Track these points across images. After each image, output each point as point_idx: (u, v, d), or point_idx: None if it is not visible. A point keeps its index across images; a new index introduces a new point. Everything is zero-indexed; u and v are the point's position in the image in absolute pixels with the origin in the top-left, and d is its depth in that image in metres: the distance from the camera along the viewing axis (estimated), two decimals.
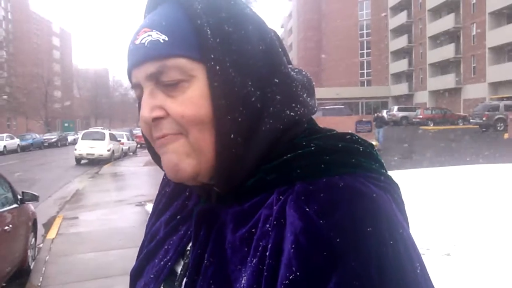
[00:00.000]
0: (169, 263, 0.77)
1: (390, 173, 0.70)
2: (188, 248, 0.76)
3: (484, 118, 31.30)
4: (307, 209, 0.62)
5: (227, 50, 0.68)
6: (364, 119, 24.81)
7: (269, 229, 0.65)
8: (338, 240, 0.59)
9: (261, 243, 0.65)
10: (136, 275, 0.84)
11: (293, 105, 0.72)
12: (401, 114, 45.44)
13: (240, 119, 0.67)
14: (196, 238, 0.73)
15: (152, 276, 0.79)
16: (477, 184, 10.42)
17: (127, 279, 0.87)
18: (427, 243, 6.04)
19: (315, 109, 0.79)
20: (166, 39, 0.68)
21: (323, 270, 0.59)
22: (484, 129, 31.01)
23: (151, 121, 0.69)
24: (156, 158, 0.77)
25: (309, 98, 0.77)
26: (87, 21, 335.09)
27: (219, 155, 0.68)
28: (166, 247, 0.80)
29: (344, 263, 0.58)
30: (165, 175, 0.85)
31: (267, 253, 0.63)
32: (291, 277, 0.60)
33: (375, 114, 25.87)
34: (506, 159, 14.52)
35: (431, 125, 39.30)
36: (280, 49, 0.74)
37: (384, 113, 45.82)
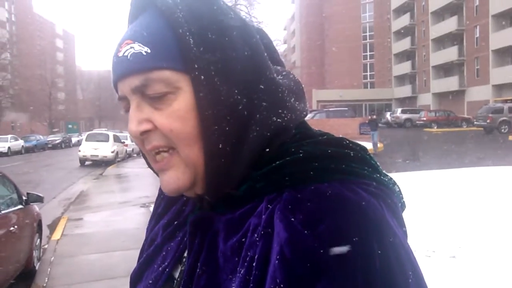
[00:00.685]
0: (167, 269, 0.77)
1: (394, 175, 0.70)
2: (185, 255, 0.76)
3: (488, 121, 31.20)
4: (292, 219, 0.61)
5: (212, 58, 0.66)
6: (367, 121, 24.77)
7: (257, 239, 0.64)
8: (321, 251, 0.58)
9: (249, 253, 0.64)
10: (135, 279, 0.85)
11: (280, 111, 0.70)
12: (404, 116, 45.34)
13: (227, 128, 0.66)
14: (191, 246, 0.73)
15: (150, 281, 0.79)
16: (483, 187, 10.39)
17: None
18: (433, 245, 6.02)
19: (305, 113, 0.77)
20: (149, 51, 0.66)
21: (307, 281, 0.58)
22: (488, 132, 30.93)
23: (139, 135, 0.69)
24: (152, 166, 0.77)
25: (297, 102, 0.75)
26: (91, 22, 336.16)
27: (208, 165, 0.67)
28: (164, 253, 0.80)
29: (328, 274, 0.57)
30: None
31: (254, 264, 0.62)
32: None
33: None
34: (511, 162, 14.48)
35: (435, 128, 39.21)
36: (265, 54, 0.72)
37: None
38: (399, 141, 26.92)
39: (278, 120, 0.69)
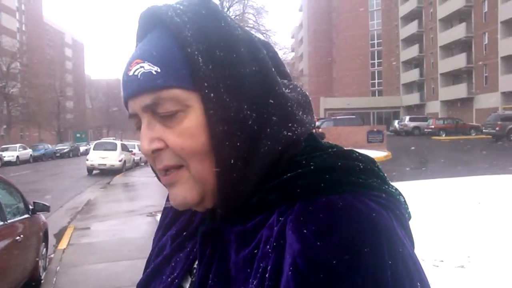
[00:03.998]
0: (176, 280, 0.77)
1: (402, 183, 0.71)
2: (195, 266, 0.76)
3: (497, 128, 31.02)
4: (305, 231, 0.62)
5: (220, 76, 0.67)
6: (375, 129, 24.68)
7: (269, 250, 0.65)
8: (334, 262, 0.59)
9: (261, 265, 0.65)
10: None
11: (290, 125, 0.71)
12: (412, 124, 45.20)
13: (238, 144, 0.67)
14: (201, 257, 0.73)
15: None
16: (492, 195, 10.29)
17: None
18: (441, 255, 5.95)
19: (312, 125, 0.77)
20: (159, 70, 0.67)
21: None
22: (497, 139, 30.71)
23: (151, 153, 0.70)
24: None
25: (305, 116, 0.76)
26: (100, 32, 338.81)
27: (220, 180, 0.68)
28: (172, 263, 0.80)
29: (341, 285, 0.58)
30: None
31: (267, 275, 0.63)
32: None
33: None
34: None
35: (443, 136, 39.05)
36: (273, 68, 0.72)
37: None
38: (407, 149, 26.79)
39: (289, 134, 0.71)
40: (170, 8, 0.70)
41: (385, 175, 0.73)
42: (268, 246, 0.65)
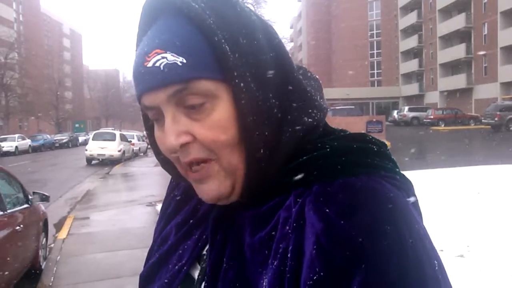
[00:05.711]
0: (184, 268, 0.76)
1: (402, 173, 0.71)
2: (204, 252, 0.75)
3: (496, 119, 31.00)
4: (327, 210, 0.62)
5: (246, 64, 0.65)
6: (374, 120, 24.64)
7: (289, 231, 0.64)
8: (360, 239, 0.59)
9: (281, 245, 0.64)
10: (146, 279, 0.82)
11: (310, 111, 0.71)
12: (412, 114, 45.18)
13: (266, 133, 0.66)
14: (213, 242, 0.73)
15: (166, 281, 0.77)
16: (491, 185, 10.31)
17: (137, 280, 0.85)
18: (440, 244, 5.96)
19: (327, 109, 0.77)
20: (185, 61, 0.64)
21: (346, 269, 0.58)
22: (496, 130, 30.72)
23: (179, 148, 0.67)
24: (168, 167, 0.78)
25: (322, 100, 0.76)
26: (98, 22, 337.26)
27: (249, 171, 0.68)
28: (180, 251, 0.78)
29: (367, 262, 0.58)
30: (172, 177, 0.85)
31: (289, 255, 0.63)
32: (315, 277, 0.59)
33: None
34: None
35: (442, 126, 39.03)
36: (288, 54, 0.72)
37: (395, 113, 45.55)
38: (406, 140, 26.79)
39: (309, 120, 0.71)
40: None
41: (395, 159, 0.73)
42: (287, 227, 0.65)
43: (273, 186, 0.70)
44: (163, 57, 0.64)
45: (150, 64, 0.65)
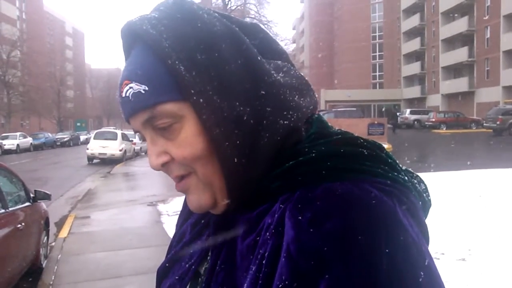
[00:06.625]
0: (193, 266, 0.79)
1: (399, 177, 0.69)
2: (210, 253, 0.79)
3: (498, 122, 30.92)
4: (300, 218, 0.62)
5: (206, 79, 0.67)
6: (376, 122, 24.63)
7: (268, 237, 0.65)
8: (325, 249, 0.58)
9: (260, 251, 0.65)
10: (163, 274, 0.86)
11: (285, 113, 0.71)
12: (413, 117, 45.13)
13: (238, 142, 0.68)
14: (214, 245, 0.75)
15: (177, 277, 0.81)
16: (493, 189, 10.30)
17: (138, 279, 0.87)
18: (442, 248, 5.96)
19: (312, 107, 0.76)
20: (146, 88, 0.68)
21: (310, 279, 0.58)
22: (497, 133, 30.67)
23: (161, 167, 0.72)
24: None
25: (302, 99, 0.75)
26: (100, 20, 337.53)
27: (228, 181, 0.70)
28: (191, 250, 0.81)
29: (331, 272, 0.57)
30: None
31: (264, 261, 0.64)
32: (281, 285, 0.60)
33: None
34: None
35: (444, 129, 38.97)
36: (259, 57, 0.72)
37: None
38: (408, 142, 26.76)
39: (285, 122, 0.70)
40: (145, 21, 0.70)
41: (396, 161, 0.71)
42: (268, 233, 0.66)
43: (263, 192, 0.70)
44: (130, 87, 0.69)
45: (123, 94, 0.70)
